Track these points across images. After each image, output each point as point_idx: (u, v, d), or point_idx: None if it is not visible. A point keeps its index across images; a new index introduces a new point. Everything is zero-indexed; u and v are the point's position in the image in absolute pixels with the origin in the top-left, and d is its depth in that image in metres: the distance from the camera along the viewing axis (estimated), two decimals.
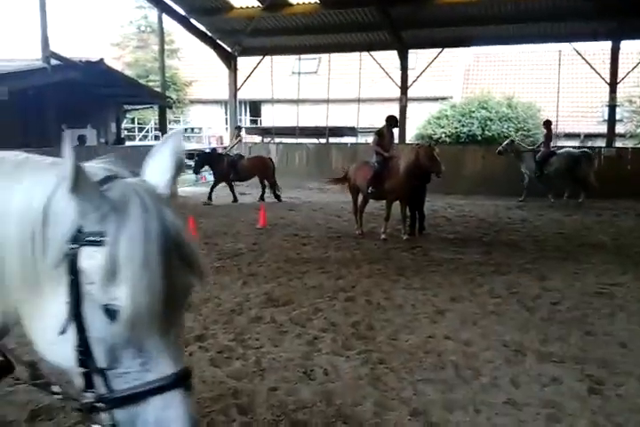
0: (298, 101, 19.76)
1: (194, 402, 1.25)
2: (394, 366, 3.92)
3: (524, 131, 21.28)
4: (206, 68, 29.19)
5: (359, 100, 19.38)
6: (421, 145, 9.09)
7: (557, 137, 21.59)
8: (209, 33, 17.60)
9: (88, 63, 12.00)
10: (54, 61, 11.34)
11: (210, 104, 30.49)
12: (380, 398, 3.43)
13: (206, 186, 18.59)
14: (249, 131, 23.36)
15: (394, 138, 10.00)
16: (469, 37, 16.63)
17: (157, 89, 16.85)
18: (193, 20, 16.94)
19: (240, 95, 19.59)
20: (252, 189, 16.41)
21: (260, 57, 18.46)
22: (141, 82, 20.54)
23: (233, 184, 13.62)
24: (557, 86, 17.92)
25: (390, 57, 18.09)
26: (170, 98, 17.69)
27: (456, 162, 14.51)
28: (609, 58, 15.57)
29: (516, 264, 7.11)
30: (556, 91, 18.02)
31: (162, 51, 15.88)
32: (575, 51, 16.36)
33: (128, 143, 19.43)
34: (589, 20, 14.60)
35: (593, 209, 12.30)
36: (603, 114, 26.20)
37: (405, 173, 8.66)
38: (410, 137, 19.01)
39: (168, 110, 17.38)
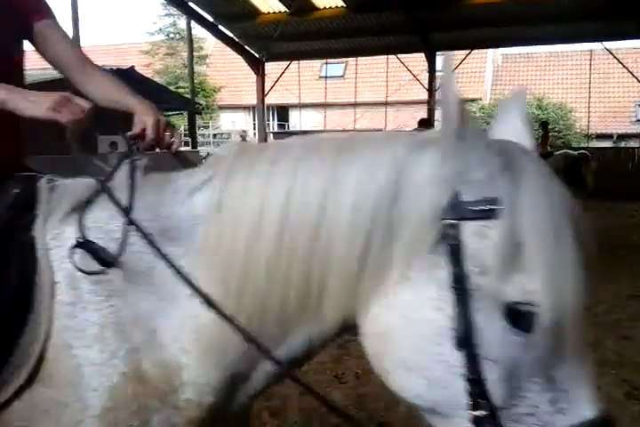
0: (325, 106, 19.82)
1: None
2: None
3: (554, 132, 20.99)
4: (234, 73, 29.52)
5: (386, 104, 19.35)
6: None
7: (589, 138, 21.30)
8: (236, 39, 17.76)
9: (119, 71, 12.25)
10: None
11: (238, 110, 30.80)
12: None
13: None
14: (276, 136, 23.52)
15: None
16: (498, 38, 16.46)
17: (187, 95, 17.08)
18: (221, 27, 17.12)
19: (268, 100, 19.72)
20: None
21: (288, 62, 18.58)
22: (171, 89, 20.85)
23: None
24: (588, 86, 17.63)
25: (418, 59, 18.03)
26: (199, 104, 17.92)
27: None
28: None
29: None
30: (587, 91, 17.73)
31: (191, 57, 16.11)
32: (606, 50, 16.07)
33: (157, 150, 19.69)
34: (620, 19, 14.32)
35: (623, 210, 12.05)
36: (636, 114, 25.74)
37: None
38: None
39: (197, 116, 17.59)
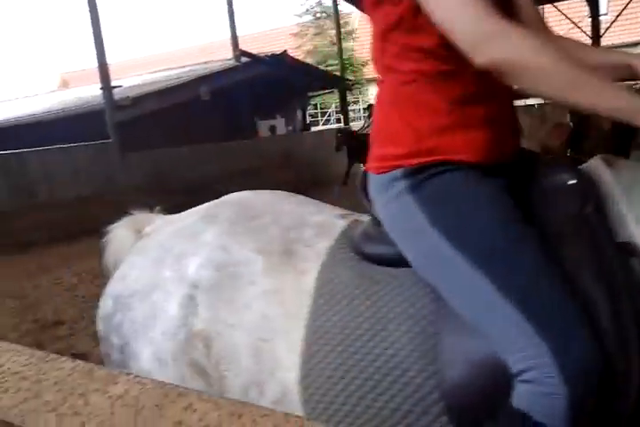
0: None
1: None
2: None
3: None
4: None
5: None
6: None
7: None
8: None
9: (273, 57, 12.78)
10: (244, 59, 12.28)
11: None
12: None
13: None
14: None
15: None
16: None
17: (336, 73, 17.35)
18: None
19: None
20: None
21: None
22: (321, 68, 21.28)
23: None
24: None
25: (577, 5, 16.44)
26: (349, 80, 18.10)
27: None
28: None
29: None
30: None
31: (339, 34, 16.26)
32: None
33: (313, 129, 20.31)
34: None
35: None
36: None
37: (610, 129, 7.83)
38: None
39: (348, 93, 17.80)
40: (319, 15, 31.92)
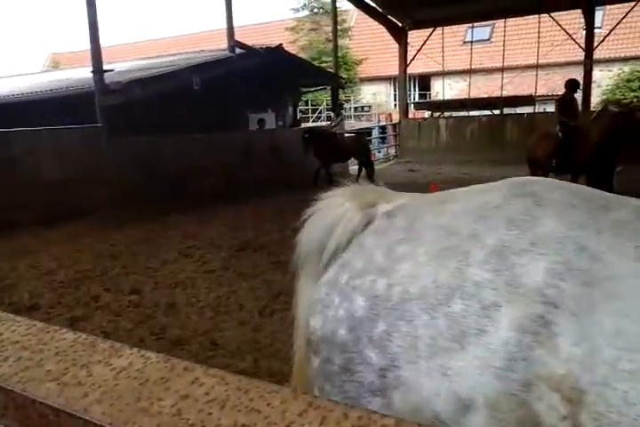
0: (470, 72, 19.07)
1: None
2: None
3: None
4: (376, 45, 29.38)
5: (537, 67, 18.15)
6: (618, 110, 8.14)
7: None
8: (379, 9, 17.59)
9: (268, 50, 12.72)
10: (238, 50, 12.20)
11: (378, 81, 30.67)
12: None
13: (377, 164, 18.94)
14: (417, 106, 23.10)
15: (577, 105, 9.25)
16: None
17: (330, 70, 17.34)
18: None
19: (409, 70, 19.42)
20: (420, 166, 16.35)
21: (431, 29, 18.07)
22: (315, 64, 21.24)
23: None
24: None
25: (573, 17, 16.64)
26: (342, 78, 18.10)
27: None
28: None
29: None
30: None
31: (335, 31, 16.24)
32: None
33: (303, 125, 20.25)
34: None
35: None
36: None
37: (598, 142, 7.94)
38: (595, 104, 17.41)
39: (340, 90, 17.80)
40: (316, 11, 31.86)
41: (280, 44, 13.40)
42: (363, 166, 12.98)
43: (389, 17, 18.00)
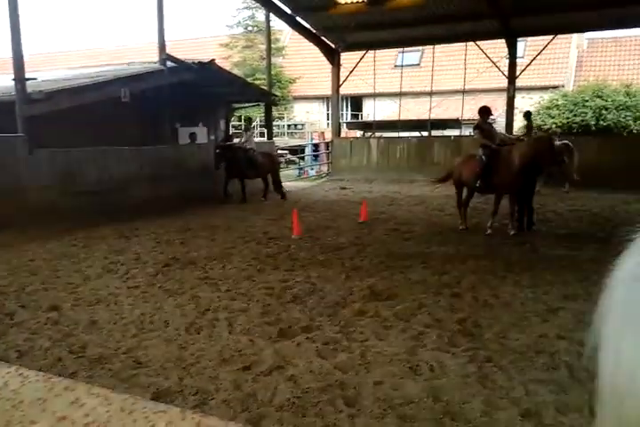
0: (400, 95, 19.58)
1: None
2: (502, 364, 3.84)
3: None
4: (309, 65, 29.76)
5: (464, 92, 18.87)
6: (539, 136, 8.63)
7: None
8: (313, 30, 17.84)
9: (201, 64, 12.60)
10: (170, 64, 12.03)
11: (312, 100, 31.01)
12: (489, 397, 3.37)
13: (308, 181, 19.05)
14: (349, 125, 23.47)
15: (494, 129, 9.68)
16: (583, 22, 15.69)
17: (264, 87, 17.36)
18: (298, 18, 17.25)
19: (342, 90, 19.73)
20: (352, 184, 16.57)
21: (363, 51, 18.48)
22: (248, 80, 21.23)
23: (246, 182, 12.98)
24: None
25: (497, 46, 17.46)
26: (275, 95, 18.15)
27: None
28: None
29: None
30: None
31: (269, 49, 16.32)
32: None
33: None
34: None
35: None
36: None
37: (520, 165, 8.32)
38: (517, 128, 18.25)
39: (273, 108, 17.84)
40: (250, 28, 31.97)
41: (213, 59, 13.31)
42: (272, 183, 13.47)
43: (323, 38, 18.29)
